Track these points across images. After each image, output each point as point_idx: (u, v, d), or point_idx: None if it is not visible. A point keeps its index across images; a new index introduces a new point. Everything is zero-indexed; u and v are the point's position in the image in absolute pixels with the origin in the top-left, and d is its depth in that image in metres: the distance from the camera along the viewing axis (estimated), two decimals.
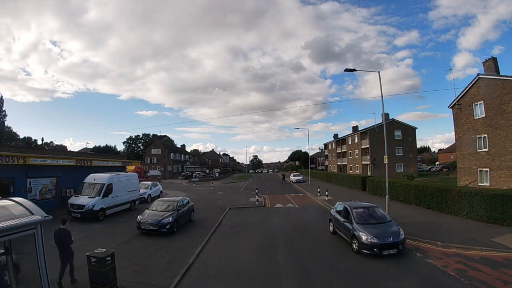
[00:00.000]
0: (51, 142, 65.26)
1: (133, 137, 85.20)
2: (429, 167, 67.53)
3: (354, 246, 9.24)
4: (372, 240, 8.65)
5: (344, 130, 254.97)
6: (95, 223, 14.02)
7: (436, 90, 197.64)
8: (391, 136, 41.06)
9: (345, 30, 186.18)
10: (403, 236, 9.02)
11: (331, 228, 11.83)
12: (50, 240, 10.15)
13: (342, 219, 10.49)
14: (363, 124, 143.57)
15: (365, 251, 8.72)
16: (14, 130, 54.79)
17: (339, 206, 11.49)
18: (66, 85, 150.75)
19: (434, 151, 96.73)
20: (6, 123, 50.12)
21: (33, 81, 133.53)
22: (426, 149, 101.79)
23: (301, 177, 43.56)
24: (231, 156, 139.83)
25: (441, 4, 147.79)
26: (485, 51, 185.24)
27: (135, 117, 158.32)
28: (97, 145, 73.50)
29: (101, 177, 16.17)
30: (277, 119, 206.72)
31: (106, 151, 65.12)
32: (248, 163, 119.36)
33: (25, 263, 4.94)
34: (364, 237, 8.83)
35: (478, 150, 19.45)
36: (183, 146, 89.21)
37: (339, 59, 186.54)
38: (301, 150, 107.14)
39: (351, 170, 51.04)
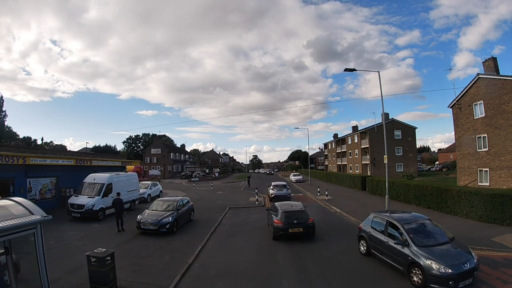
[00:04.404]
0: (51, 142, 65.43)
1: (133, 137, 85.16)
2: (429, 166, 67.54)
3: (415, 278, 6.79)
4: (447, 270, 6.32)
5: (344, 130, 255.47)
6: (95, 223, 14.03)
7: (436, 90, 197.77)
8: (391, 136, 41.08)
9: (346, 29, 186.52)
10: (476, 259, 6.83)
11: (362, 248, 9.24)
12: (50, 240, 10.27)
13: (391, 241, 7.79)
14: (363, 123, 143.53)
15: (435, 285, 6.33)
16: (14, 130, 54.84)
17: (376, 219, 8.86)
18: (66, 84, 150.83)
19: (434, 151, 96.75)
20: (6, 123, 50.19)
21: (33, 81, 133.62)
22: (426, 149, 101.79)
23: (300, 177, 43.61)
24: (231, 156, 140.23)
25: (443, 4, 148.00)
26: (485, 50, 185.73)
27: (135, 117, 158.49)
28: (97, 144, 73.61)
29: (101, 177, 16.19)
30: (277, 118, 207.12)
31: (106, 151, 65.08)
32: (248, 163, 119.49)
33: (25, 263, 4.94)
34: (435, 267, 6.41)
35: (478, 150, 19.47)
36: (183, 145, 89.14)
37: (341, 58, 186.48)
38: (301, 150, 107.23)
39: (351, 170, 51.08)
